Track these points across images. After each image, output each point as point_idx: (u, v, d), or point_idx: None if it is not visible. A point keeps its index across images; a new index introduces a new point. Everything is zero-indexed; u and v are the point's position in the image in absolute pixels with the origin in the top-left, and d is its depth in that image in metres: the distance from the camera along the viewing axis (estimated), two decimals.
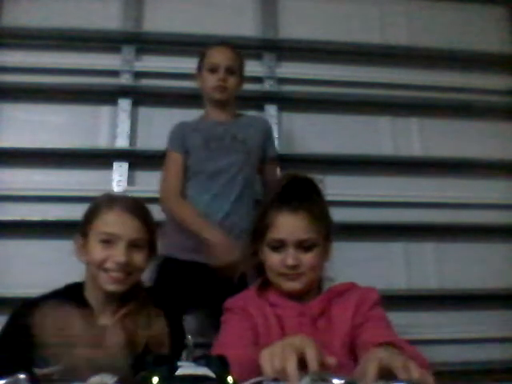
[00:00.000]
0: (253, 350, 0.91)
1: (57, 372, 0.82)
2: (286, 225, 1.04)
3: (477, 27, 2.50)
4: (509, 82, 2.44)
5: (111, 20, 2.26)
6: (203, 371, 0.55)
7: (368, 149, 2.27)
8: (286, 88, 2.30)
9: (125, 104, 2.15)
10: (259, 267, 1.12)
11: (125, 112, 2.14)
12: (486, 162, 2.31)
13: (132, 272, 1.11)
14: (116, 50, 2.23)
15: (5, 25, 2.17)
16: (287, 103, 2.29)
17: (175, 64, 2.21)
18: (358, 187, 2.20)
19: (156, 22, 2.29)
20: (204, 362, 0.56)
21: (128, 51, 2.22)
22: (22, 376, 0.70)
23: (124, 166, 2.08)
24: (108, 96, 2.17)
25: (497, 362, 2.01)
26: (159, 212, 1.68)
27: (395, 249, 2.20)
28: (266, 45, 2.33)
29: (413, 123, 2.37)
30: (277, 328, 1.02)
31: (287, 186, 1.09)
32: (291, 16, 2.39)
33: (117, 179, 2.05)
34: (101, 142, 2.15)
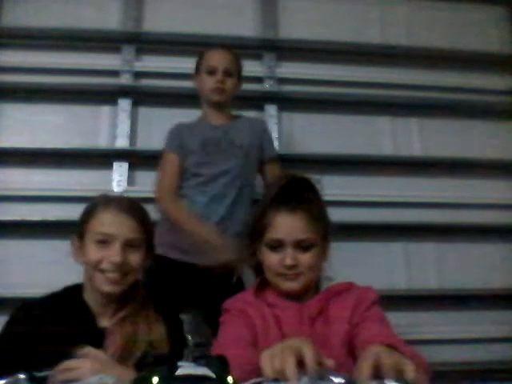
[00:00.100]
0: (252, 351, 0.91)
1: (56, 373, 0.81)
2: (284, 225, 1.05)
3: (477, 27, 2.50)
4: (509, 82, 2.44)
5: (111, 20, 2.26)
6: (203, 371, 0.55)
7: (368, 149, 2.27)
8: (286, 88, 2.30)
9: (125, 104, 2.15)
10: (257, 267, 1.12)
11: (125, 112, 2.14)
12: (486, 162, 2.31)
13: (128, 272, 1.10)
14: (116, 50, 2.23)
15: (5, 25, 2.17)
16: (287, 103, 2.29)
17: (175, 64, 2.21)
18: (358, 187, 2.20)
19: (156, 22, 2.29)
20: (204, 362, 0.57)
21: (128, 51, 2.22)
22: (22, 376, 0.70)
23: (124, 166, 2.08)
24: (108, 96, 2.17)
25: (497, 362, 2.01)
26: (157, 212, 1.69)
27: (395, 249, 2.20)
28: (266, 45, 2.33)
29: (413, 123, 2.37)
30: (275, 328, 1.02)
31: (285, 187, 1.09)
32: (291, 16, 2.39)
33: (117, 179, 2.06)
34: (101, 142, 2.15)
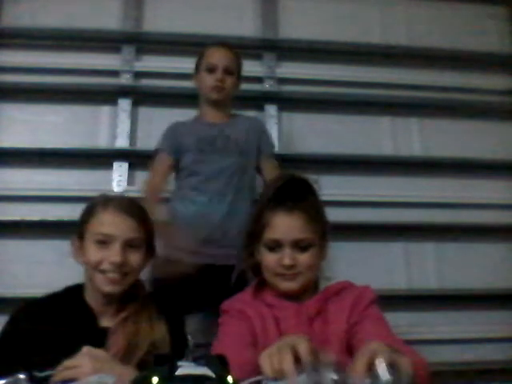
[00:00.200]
0: (251, 351, 0.91)
1: (56, 373, 0.81)
2: (282, 225, 1.04)
3: (477, 27, 2.50)
4: (509, 82, 2.44)
5: (111, 20, 2.26)
6: (203, 371, 0.55)
7: (368, 149, 2.27)
8: (286, 88, 2.30)
9: (125, 104, 2.15)
10: (256, 268, 1.12)
11: (125, 112, 2.14)
12: (486, 162, 2.31)
13: (128, 272, 1.09)
14: (116, 50, 2.23)
15: (5, 25, 2.17)
16: (287, 103, 2.29)
17: (175, 64, 2.21)
18: (358, 187, 2.20)
19: (156, 22, 2.29)
20: (204, 362, 0.57)
21: (128, 51, 2.22)
22: (22, 376, 0.70)
23: (124, 166, 2.08)
24: (108, 96, 2.17)
25: (497, 362, 2.01)
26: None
27: (395, 249, 2.19)
28: (266, 45, 2.33)
29: (413, 123, 2.37)
30: (274, 328, 1.02)
31: (282, 187, 1.09)
32: (291, 16, 2.39)
33: (117, 179, 2.06)
34: (101, 142, 2.15)
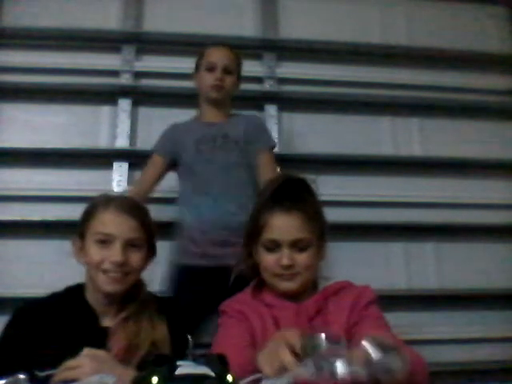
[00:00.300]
0: (251, 352, 0.91)
1: (57, 373, 0.81)
2: (280, 225, 1.04)
3: (477, 27, 2.50)
4: (509, 82, 2.44)
5: (111, 20, 2.27)
6: (203, 370, 0.55)
7: (368, 149, 2.26)
8: (286, 88, 2.30)
9: (125, 104, 2.15)
10: (254, 268, 1.12)
11: (125, 112, 2.14)
12: (486, 162, 2.30)
13: (129, 272, 1.10)
14: (116, 50, 2.23)
15: (5, 25, 2.17)
16: (287, 103, 2.29)
17: (175, 64, 2.20)
18: (358, 187, 2.20)
19: (156, 22, 2.29)
20: (203, 361, 0.56)
21: (128, 51, 2.22)
22: (22, 376, 0.70)
23: (124, 166, 2.08)
24: (108, 96, 2.17)
25: (497, 362, 2.01)
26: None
27: (395, 249, 2.19)
28: (266, 45, 2.33)
29: (413, 123, 2.37)
30: (273, 329, 1.02)
31: (280, 187, 1.09)
32: (291, 16, 2.39)
33: (117, 179, 2.05)
34: (101, 142, 2.15)
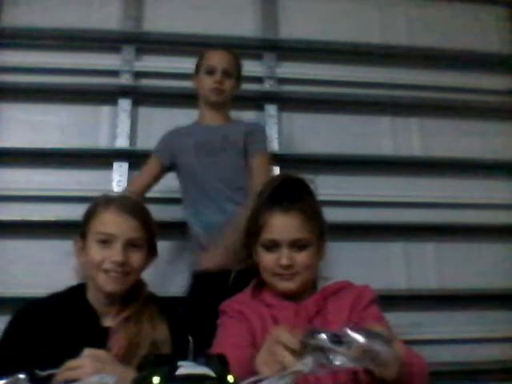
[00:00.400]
0: (251, 352, 0.91)
1: (58, 373, 0.81)
2: (279, 225, 1.04)
3: (477, 27, 2.50)
4: (509, 82, 2.44)
5: (111, 20, 2.26)
6: (203, 370, 0.55)
7: (368, 149, 2.27)
8: (286, 88, 2.30)
9: (125, 104, 2.15)
10: (254, 268, 1.12)
11: (125, 112, 2.14)
12: (486, 162, 2.31)
13: (130, 272, 1.10)
14: (116, 50, 2.23)
15: (5, 25, 2.17)
16: (287, 103, 2.29)
17: (175, 64, 2.20)
18: (358, 187, 2.20)
19: (156, 22, 2.29)
20: (204, 362, 0.56)
21: (128, 51, 2.22)
22: (22, 376, 0.70)
23: (124, 166, 2.08)
24: (108, 96, 2.17)
25: (497, 362, 2.01)
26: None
27: (395, 249, 2.19)
28: (266, 45, 2.33)
29: (413, 123, 2.37)
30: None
31: (279, 187, 1.08)
32: (291, 16, 2.39)
33: (117, 179, 2.05)
34: (101, 142, 2.15)
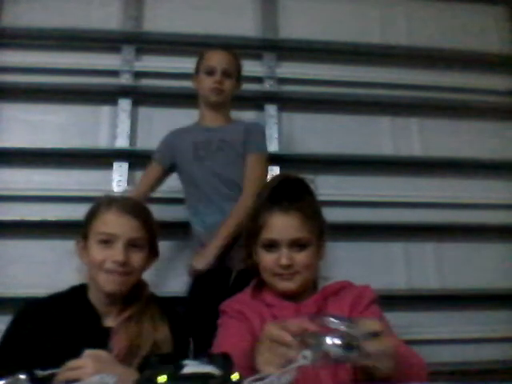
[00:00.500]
0: (251, 352, 0.91)
1: (59, 373, 0.81)
2: (279, 225, 1.04)
3: (477, 27, 2.51)
4: (509, 82, 2.45)
5: (111, 20, 2.27)
6: (209, 369, 0.55)
7: (368, 149, 2.27)
8: (286, 88, 2.30)
9: (125, 104, 2.15)
10: (254, 268, 1.12)
11: (125, 112, 2.14)
12: (486, 162, 2.31)
13: (131, 272, 1.10)
14: (116, 50, 2.23)
15: (5, 25, 2.17)
16: (287, 103, 2.29)
17: (175, 64, 2.21)
18: (358, 187, 2.20)
19: (156, 22, 2.29)
20: (208, 360, 0.57)
21: (128, 51, 2.22)
22: (22, 376, 0.70)
23: (124, 166, 2.08)
24: (108, 96, 2.17)
25: (497, 362, 2.01)
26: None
27: (395, 249, 2.19)
28: (266, 45, 2.33)
29: (413, 123, 2.38)
30: None
31: (278, 187, 1.08)
32: (291, 16, 2.39)
33: (117, 179, 2.05)
34: (101, 142, 2.15)
